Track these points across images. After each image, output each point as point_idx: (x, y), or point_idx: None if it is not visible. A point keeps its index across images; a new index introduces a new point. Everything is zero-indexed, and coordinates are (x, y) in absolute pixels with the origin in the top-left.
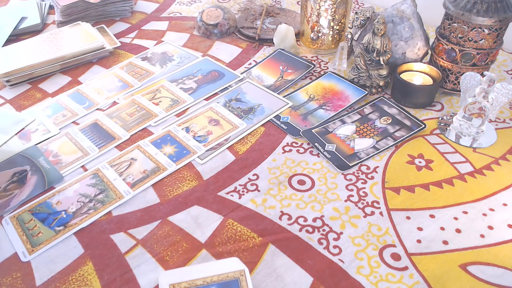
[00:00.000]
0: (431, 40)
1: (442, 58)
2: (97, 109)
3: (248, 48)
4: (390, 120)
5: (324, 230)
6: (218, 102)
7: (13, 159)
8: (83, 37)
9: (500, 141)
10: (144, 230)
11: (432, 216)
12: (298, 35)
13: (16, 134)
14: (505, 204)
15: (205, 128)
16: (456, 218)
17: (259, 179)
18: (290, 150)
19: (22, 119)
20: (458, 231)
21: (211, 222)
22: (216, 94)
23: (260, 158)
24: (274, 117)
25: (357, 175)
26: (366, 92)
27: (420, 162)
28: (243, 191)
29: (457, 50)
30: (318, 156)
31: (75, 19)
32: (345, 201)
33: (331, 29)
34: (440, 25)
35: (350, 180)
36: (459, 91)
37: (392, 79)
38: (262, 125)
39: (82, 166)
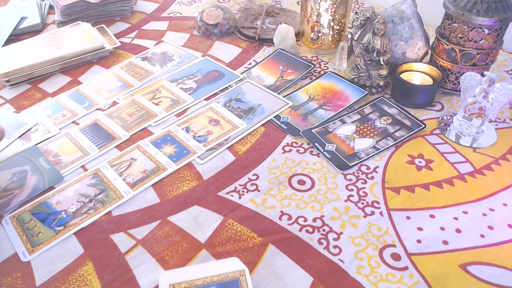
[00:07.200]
0: (431, 40)
1: (442, 58)
2: (97, 109)
3: (248, 48)
4: (390, 120)
5: (324, 230)
6: (218, 102)
7: (13, 159)
8: (83, 37)
9: (500, 141)
10: (144, 230)
11: (432, 216)
12: (298, 35)
13: (18, 138)
14: (505, 204)
15: (205, 128)
16: (456, 218)
17: (259, 179)
18: (290, 150)
19: (24, 123)
20: (458, 231)
21: (211, 222)
22: (216, 94)
23: (260, 158)
24: (274, 117)
25: (357, 175)
26: (366, 92)
27: (420, 162)
28: (243, 191)
29: (457, 50)
30: (318, 156)
31: (75, 19)
32: (345, 201)
33: (331, 29)
34: (440, 25)
35: (350, 180)
36: (459, 91)
37: (392, 79)
38: (262, 125)
39: (82, 166)
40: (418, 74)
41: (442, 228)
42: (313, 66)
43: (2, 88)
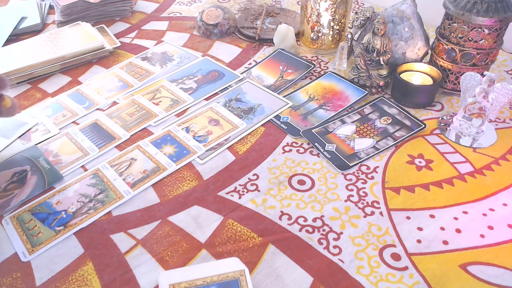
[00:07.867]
0: (431, 40)
1: (442, 58)
2: (97, 109)
3: (248, 48)
4: (390, 120)
5: (324, 230)
6: (218, 102)
7: (13, 159)
8: (83, 37)
9: (500, 141)
10: (144, 230)
11: (432, 216)
12: (298, 35)
13: (18, 138)
14: (505, 204)
15: (205, 128)
16: (456, 218)
17: (259, 179)
18: (290, 150)
19: (24, 123)
20: (458, 231)
21: (211, 222)
22: (216, 94)
23: (260, 158)
24: (274, 117)
25: (357, 175)
26: (366, 92)
27: (420, 162)
28: (243, 191)
29: (457, 50)
30: (318, 156)
31: (75, 19)
32: (345, 201)
33: (331, 29)
34: (440, 25)
35: (350, 180)
36: (459, 91)
37: (392, 79)
38: (262, 125)
39: (82, 166)
40: (418, 74)
41: (442, 228)
42: (313, 66)
43: None
